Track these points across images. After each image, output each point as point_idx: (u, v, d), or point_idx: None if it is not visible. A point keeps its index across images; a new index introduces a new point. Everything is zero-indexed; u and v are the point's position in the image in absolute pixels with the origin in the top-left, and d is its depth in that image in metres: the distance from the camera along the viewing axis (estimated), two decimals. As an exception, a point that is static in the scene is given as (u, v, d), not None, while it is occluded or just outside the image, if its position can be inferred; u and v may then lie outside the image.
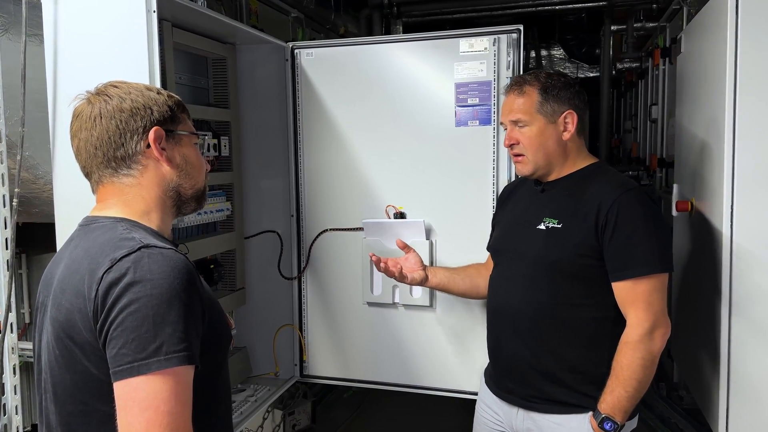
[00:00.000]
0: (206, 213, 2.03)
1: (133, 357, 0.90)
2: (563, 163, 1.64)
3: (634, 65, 5.10)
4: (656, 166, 3.94)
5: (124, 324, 0.91)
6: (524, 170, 1.64)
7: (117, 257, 0.95)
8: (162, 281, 0.93)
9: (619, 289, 1.52)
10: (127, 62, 1.53)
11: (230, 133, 2.18)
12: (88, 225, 1.08)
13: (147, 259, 0.94)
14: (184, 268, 0.96)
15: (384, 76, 2.13)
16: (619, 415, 1.49)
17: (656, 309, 1.49)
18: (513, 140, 1.63)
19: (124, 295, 0.92)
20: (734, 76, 1.63)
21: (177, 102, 1.13)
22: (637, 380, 1.48)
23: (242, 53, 2.23)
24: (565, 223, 1.57)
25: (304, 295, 2.30)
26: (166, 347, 0.90)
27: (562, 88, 1.61)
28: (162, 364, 0.90)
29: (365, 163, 2.18)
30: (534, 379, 1.61)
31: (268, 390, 2.21)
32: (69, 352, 0.99)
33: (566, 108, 1.60)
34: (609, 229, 1.50)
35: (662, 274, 1.51)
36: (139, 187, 1.08)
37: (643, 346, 1.48)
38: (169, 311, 0.92)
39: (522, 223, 1.68)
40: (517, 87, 1.63)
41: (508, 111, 1.63)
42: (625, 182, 1.58)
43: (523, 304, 1.61)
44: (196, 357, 0.94)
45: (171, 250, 0.98)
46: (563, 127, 1.61)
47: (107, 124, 1.05)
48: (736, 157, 1.64)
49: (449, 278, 1.88)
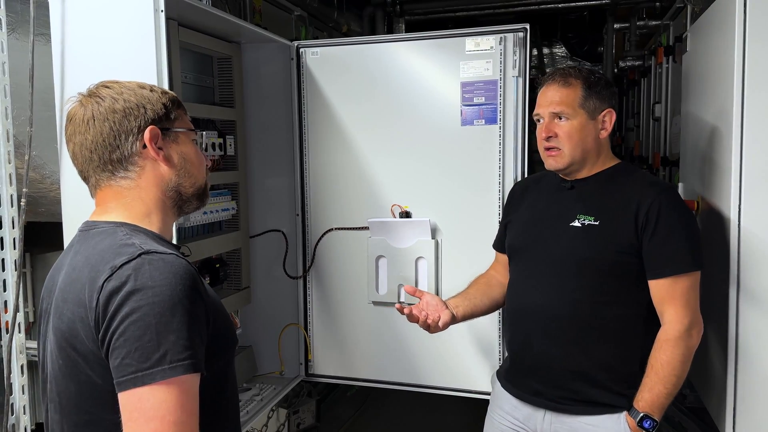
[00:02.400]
0: (211, 212, 2.03)
1: (137, 367, 0.88)
2: (595, 161, 1.62)
3: (637, 63, 5.09)
4: (659, 165, 3.94)
5: (126, 333, 0.89)
6: (558, 164, 1.60)
7: (117, 265, 0.93)
8: (164, 288, 0.91)
9: (658, 286, 1.52)
10: (135, 61, 1.53)
11: (235, 132, 2.18)
12: (87, 230, 1.06)
13: (148, 266, 0.92)
14: (186, 274, 0.94)
15: (389, 75, 2.12)
16: (657, 413, 1.49)
17: (693, 306, 1.51)
18: (551, 132, 1.58)
19: (126, 303, 0.90)
20: (742, 74, 1.62)
21: (172, 98, 1.10)
22: (677, 377, 1.48)
23: (247, 52, 2.23)
24: (602, 220, 1.56)
25: (309, 294, 2.30)
26: (170, 356, 0.88)
27: (605, 86, 1.60)
28: (166, 373, 0.88)
29: (370, 162, 2.17)
30: (566, 380, 1.58)
31: (273, 389, 2.21)
32: (72, 362, 0.97)
33: (607, 106, 1.59)
34: (650, 227, 1.50)
35: (698, 272, 1.52)
36: (138, 189, 1.06)
37: (683, 342, 1.48)
38: (172, 319, 0.90)
39: (547, 220, 1.65)
40: (562, 78, 1.60)
41: (549, 102, 1.59)
42: (659, 181, 1.59)
43: (554, 302, 1.58)
44: (201, 364, 0.93)
45: (172, 255, 0.96)
46: (601, 125, 1.60)
47: (101, 126, 1.03)
48: (744, 155, 1.63)
49: (471, 306, 1.77)
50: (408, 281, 2.15)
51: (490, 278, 1.87)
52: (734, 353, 1.66)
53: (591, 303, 1.56)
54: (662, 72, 3.90)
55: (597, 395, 1.56)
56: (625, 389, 1.54)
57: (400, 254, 2.15)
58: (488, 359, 2.10)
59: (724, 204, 1.71)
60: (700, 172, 2.03)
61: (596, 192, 1.61)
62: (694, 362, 1.52)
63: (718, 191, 1.80)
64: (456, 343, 2.14)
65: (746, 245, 1.64)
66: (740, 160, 1.64)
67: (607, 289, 1.55)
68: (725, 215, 1.70)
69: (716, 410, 1.80)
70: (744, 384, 1.66)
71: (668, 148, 3.81)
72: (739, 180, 1.64)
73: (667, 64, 3.80)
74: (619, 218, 1.54)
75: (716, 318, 1.76)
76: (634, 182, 1.58)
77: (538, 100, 1.66)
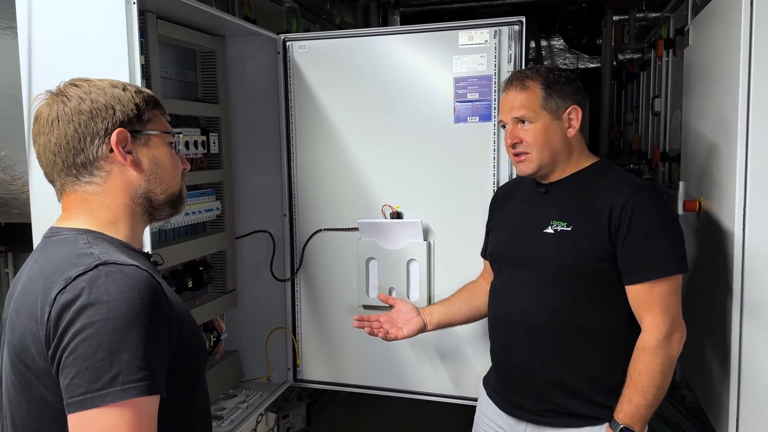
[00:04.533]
0: (195, 213, 1.96)
1: (87, 388, 0.82)
2: (567, 162, 1.56)
3: (636, 56, 5.00)
4: (659, 160, 3.86)
5: (77, 351, 0.83)
6: (527, 169, 1.55)
7: (72, 276, 0.87)
8: (119, 303, 0.84)
9: (634, 292, 1.45)
10: (107, 56, 1.45)
11: (220, 129, 2.10)
12: (50, 237, 1.00)
13: (104, 278, 0.86)
14: (146, 287, 0.88)
15: (380, 70, 2.04)
16: (638, 425, 1.43)
17: (673, 312, 1.44)
18: (516, 139, 1.53)
19: (78, 318, 0.84)
20: (748, 69, 1.54)
21: (146, 98, 1.04)
22: (657, 387, 1.42)
23: (232, 46, 2.14)
24: (575, 226, 1.50)
25: (297, 297, 2.23)
26: (122, 376, 0.82)
27: (566, 82, 1.53)
28: (118, 395, 0.82)
29: (360, 160, 2.09)
30: (548, 392, 1.53)
31: (260, 395, 2.14)
32: (24, 379, 0.91)
33: (570, 103, 1.53)
34: (623, 231, 1.43)
35: (678, 276, 1.45)
36: (104, 195, 1.00)
37: (661, 351, 1.42)
38: (127, 336, 0.83)
39: (525, 226, 1.59)
40: (519, 82, 1.54)
41: (510, 108, 1.54)
42: (635, 181, 1.51)
43: (533, 311, 1.53)
44: (159, 385, 0.86)
45: (132, 266, 0.90)
46: (568, 124, 1.53)
47: (65, 128, 0.97)
48: (750, 154, 1.55)
49: (447, 313, 1.78)
50: (399, 284, 2.08)
51: (476, 286, 1.82)
52: (737, 365, 1.60)
53: (570, 311, 1.50)
54: (662, 65, 3.82)
55: (579, 408, 1.51)
56: (609, 400, 1.49)
57: (391, 256, 2.08)
58: (478, 365, 2.03)
59: (727, 206, 1.64)
60: (702, 173, 1.95)
61: (570, 195, 1.54)
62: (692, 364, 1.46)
63: (720, 195, 1.73)
64: (446, 349, 2.08)
65: (750, 247, 1.57)
66: (745, 162, 1.56)
67: (587, 296, 1.49)
68: (728, 217, 1.63)
69: (717, 419, 1.74)
70: (747, 395, 1.60)
71: (668, 144, 3.74)
72: (744, 179, 1.56)
73: (667, 58, 3.72)
74: (593, 222, 1.47)
75: (717, 321, 1.70)
76: (610, 182, 1.51)
77: (500, 106, 1.61)
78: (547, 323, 1.51)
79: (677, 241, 1.46)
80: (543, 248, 1.53)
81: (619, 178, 1.52)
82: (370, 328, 1.74)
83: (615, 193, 1.46)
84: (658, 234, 1.43)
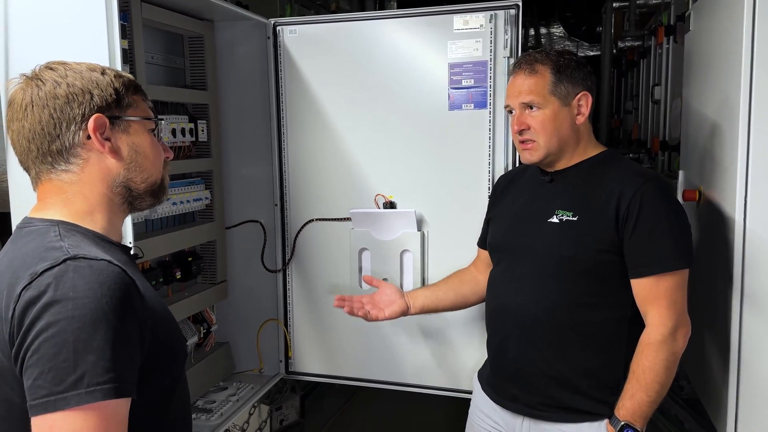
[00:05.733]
0: (183, 202, 1.91)
1: (49, 390, 0.77)
2: (574, 150, 1.51)
3: (636, 44, 4.94)
4: (658, 149, 3.82)
5: (40, 351, 0.78)
6: (533, 157, 1.50)
7: (38, 271, 0.82)
8: (86, 300, 0.80)
9: (640, 286, 1.41)
10: (85, 39, 1.39)
11: (208, 116, 2.04)
12: (22, 228, 0.96)
13: (72, 274, 0.82)
14: (116, 284, 0.83)
15: (372, 55, 1.99)
16: (640, 422, 1.39)
17: (679, 307, 1.40)
18: (523, 125, 1.48)
19: (42, 316, 0.79)
20: (751, 55, 1.49)
21: (126, 83, 0.99)
22: (660, 383, 1.38)
23: (220, 31, 2.08)
24: (581, 216, 1.45)
25: (289, 288, 2.18)
26: (88, 378, 0.78)
27: (576, 67, 1.48)
28: (82, 398, 0.77)
29: (353, 149, 2.04)
30: (545, 386, 1.49)
31: (251, 388, 2.10)
32: None
33: (580, 89, 1.48)
34: (631, 222, 1.39)
35: (685, 270, 1.41)
36: (80, 183, 0.96)
37: (666, 347, 1.38)
38: (93, 336, 0.79)
39: (528, 216, 1.54)
40: (528, 66, 1.48)
41: (517, 93, 1.48)
42: (643, 171, 1.46)
43: (532, 304, 1.49)
44: (128, 388, 0.82)
45: (103, 261, 0.85)
46: (577, 110, 1.48)
47: (39, 113, 0.92)
48: (751, 142, 1.51)
49: (432, 298, 1.75)
50: (392, 275, 2.03)
51: (464, 274, 1.79)
52: (737, 358, 1.56)
53: (572, 305, 1.45)
54: (662, 53, 3.77)
55: (577, 402, 1.48)
56: (608, 396, 1.45)
57: (384, 247, 2.03)
58: (473, 358, 1.99)
59: (728, 190, 1.59)
60: (702, 162, 1.91)
61: (576, 185, 1.49)
62: (690, 355, 1.42)
63: (721, 183, 1.69)
64: (441, 341, 2.04)
65: (752, 236, 1.53)
66: (747, 151, 1.51)
67: (589, 289, 1.45)
68: (728, 207, 1.59)
69: (715, 413, 1.71)
70: (746, 389, 1.56)
71: (668, 132, 3.69)
72: (746, 172, 1.52)
73: (667, 45, 3.67)
74: (600, 213, 1.43)
75: (717, 312, 1.66)
76: (617, 173, 1.46)
77: (507, 90, 1.55)
78: (545, 318, 1.47)
79: (685, 235, 1.42)
80: (546, 238, 1.48)
81: (627, 169, 1.47)
82: (350, 307, 1.70)
83: (623, 184, 1.42)
84: (666, 227, 1.38)
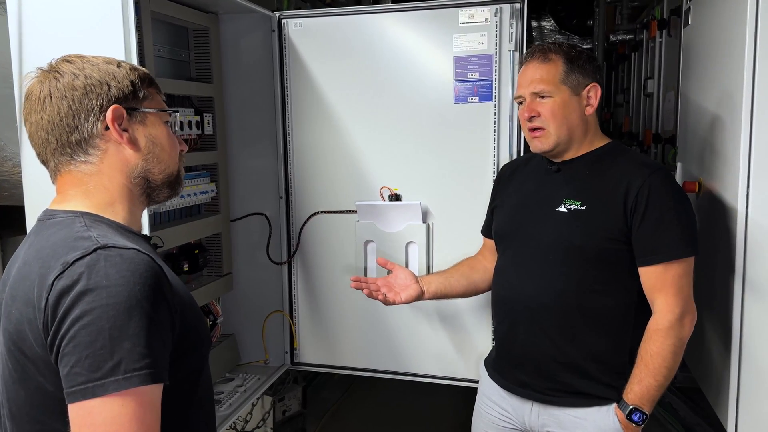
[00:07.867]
0: (189, 195, 1.92)
1: (87, 377, 0.79)
2: (582, 141, 1.54)
3: (628, 37, 4.98)
4: (651, 142, 3.86)
5: (76, 339, 0.80)
6: (543, 146, 1.53)
7: (69, 261, 0.84)
8: (120, 288, 0.81)
9: (648, 274, 1.45)
10: (101, 33, 1.39)
11: (214, 109, 2.05)
12: (45, 220, 0.97)
13: (103, 263, 0.83)
14: (147, 272, 0.85)
15: (378, 48, 2.00)
16: (648, 406, 1.44)
17: (685, 294, 1.45)
18: (533, 112, 1.51)
19: (77, 305, 0.80)
20: (753, 47, 1.52)
21: (142, 75, 1.00)
22: (668, 368, 1.43)
23: (226, 23, 2.09)
24: (589, 205, 1.48)
25: (294, 280, 2.20)
26: (124, 365, 0.79)
27: (587, 60, 1.52)
28: (120, 384, 0.79)
29: (358, 142, 2.06)
30: (554, 371, 1.53)
31: (258, 379, 2.12)
32: (21, 367, 0.88)
33: (590, 81, 1.52)
34: (639, 211, 1.43)
35: (691, 258, 1.45)
36: (100, 175, 0.97)
37: (674, 332, 1.43)
38: (128, 323, 0.80)
39: (534, 205, 1.58)
40: (541, 54, 1.52)
41: (529, 81, 1.52)
42: (650, 162, 1.51)
43: (541, 291, 1.52)
44: (163, 373, 0.84)
45: (133, 250, 0.86)
46: (586, 101, 1.52)
47: (58, 104, 0.94)
48: (754, 133, 1.54)
49: (445, 284, 1.77)
50: (398, 267, 2.05)
51: (475, 262, 1.82)
52: (738, 346, 1.60)
53: (579, 292, 1.49)
54: (655, 46, 3.80)
55: (586, 387, 1.51)
56: (615, 380, 1.49)
57: (389, 239, 2.06)
58: (479, 347, 2.03)
59: (730, 181, 1.62)
60: (702, 154, 1.94)
61: (584, 175, 1.53)
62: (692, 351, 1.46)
63: (722, 174, 1.72)
64: (446, 330, 2.07)
65: (753, 227, 1.56)
66: (749, 142, 1.54)
67: (596, 277, 1.49)
68: (730, 198, 1.62)
69: (716, 399, 1.75)
70: (747, 376, 1.60)
71: (660, 125, 3.74)
72: (748, 163, 1.55)
73: (660, 38, 3.70)
74: (608, 202, 1.47)
75: (717, 308, 1.70)
76: (624, 163, 1.50)
77: (518, 80, 1.58)
78: (553, 303, 1.51)
79: (691, 223, 1.46)
80: (553, 227, 1.51)
81: (633, 159, 1.52)
82: (368, 289, 1.69)
83: (631, 174, 1.46)
84: (673, 216, 1.43)
